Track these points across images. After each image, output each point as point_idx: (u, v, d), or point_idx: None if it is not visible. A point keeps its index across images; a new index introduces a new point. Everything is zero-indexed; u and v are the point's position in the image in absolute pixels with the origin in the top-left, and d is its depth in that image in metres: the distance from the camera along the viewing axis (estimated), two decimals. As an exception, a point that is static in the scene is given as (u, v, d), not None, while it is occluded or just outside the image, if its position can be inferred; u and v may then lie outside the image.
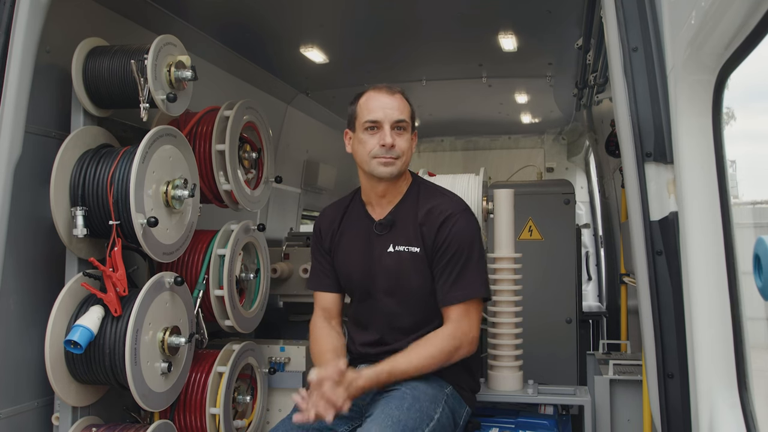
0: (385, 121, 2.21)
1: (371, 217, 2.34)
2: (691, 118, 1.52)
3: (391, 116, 2.22)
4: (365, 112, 2.24)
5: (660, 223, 1.69)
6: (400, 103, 2.25)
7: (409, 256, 2.26)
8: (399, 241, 2.27)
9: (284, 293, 3.63)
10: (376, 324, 2.33)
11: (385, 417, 2.00)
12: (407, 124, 2.25)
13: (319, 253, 2.44)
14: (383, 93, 2.25)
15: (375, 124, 2.22)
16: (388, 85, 2.29)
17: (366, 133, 2.23)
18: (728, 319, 1.47)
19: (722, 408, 1.44)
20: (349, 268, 2.36)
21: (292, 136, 4.82)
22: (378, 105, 2.23)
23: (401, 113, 2.24)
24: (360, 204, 2.38)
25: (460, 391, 2.31)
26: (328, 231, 2.41)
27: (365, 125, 2.23)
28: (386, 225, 2.30)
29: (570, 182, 4.26)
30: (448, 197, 2.32)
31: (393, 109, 2.22)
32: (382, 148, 2.20)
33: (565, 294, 3.91)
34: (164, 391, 2.40)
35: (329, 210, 2.48)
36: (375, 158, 2.22)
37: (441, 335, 2.19)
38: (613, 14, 1.81)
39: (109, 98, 2.46)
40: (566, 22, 3.29)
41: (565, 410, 2.81)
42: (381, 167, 2.22)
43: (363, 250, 2.32)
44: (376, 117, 2.21)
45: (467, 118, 5.70)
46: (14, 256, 2.20)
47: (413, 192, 2.33)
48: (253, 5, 3.12)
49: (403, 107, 2.25)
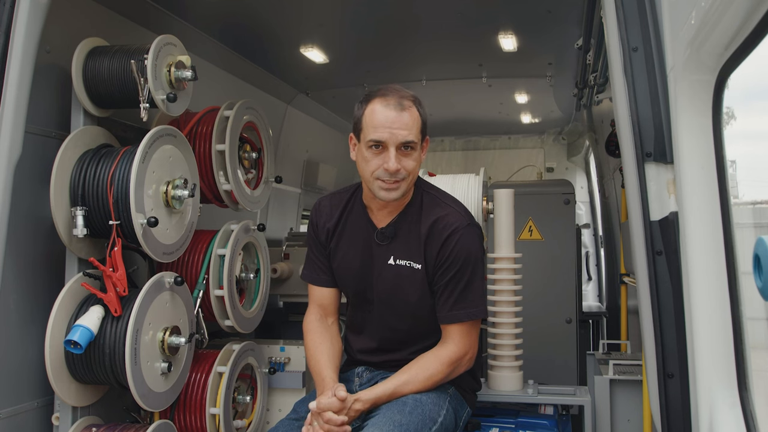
0: (391, 142, 2.05)
1: (373, 223, 2.26)
2: (691, 118, 1.52)
3: (397, 137, 2.05)
4: (370, 129, 2.07)
5: (660, 223, 1.69)
6: (409, 120, 2.07)
7: (409, 272, 2.20)
8: (400, 255, 2.21)
9: (284, 293, 3.63)
10: (373, 332, 2.32)
11: (386, 421, 1.99)
12: (416, 144, 2.09)
13: (314, 246, 2.36)
14: (391, 108, 2.06)
15: (380, 144, 2.07)
16: (399, 95, 2.09)
17: (370, 151, 2.08)
18: (728, 319, 1.47)
19: (722, 408, 1.44)
20: (346, 273, 2.31)
21: (292, 136, 4.82)
22: (384, 122, 2.05)
23: (409, 133, 2.06)
24: (361, 205, 2.28)
25: (462, 392, 2.31)
26: (325, 226, 2.32)
27: (369, 143, 2.08)
28: (388, 235, 2.22)
29: (570, 182, 4.27)
30: (453, 209, 2.22)
31: (400, 129, 2.05)
32: (385, 171, 2.07)
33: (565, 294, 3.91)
34: (164, 391, 2.40)
35: (326, 202, 2.36)
36: (378, 180, 2.09)
37: (441, 357, 2.17)
38: (613, 14, 1.81)
39: (109, 98, 2.46)
40: (566, 22, 3.29)
41: (565, 410, 2.81)
42: (383, 192, 2.10)
43: (362, 258, 2.26)
44: (381, 138, 2.05)
45: (467, 118, 5.69)
46: (14, 256, 2.20)
47: (417, 201, 2.23)
48: (253, 5, 3.12)
49: (412, 124, 2.07)
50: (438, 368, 2.15)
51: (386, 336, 2.29)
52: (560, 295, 3.91)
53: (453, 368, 2.18)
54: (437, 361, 2.16)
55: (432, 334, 2.25)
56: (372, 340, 2.32)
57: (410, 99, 2.11)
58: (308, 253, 2.40)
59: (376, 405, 2.09)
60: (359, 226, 2.28)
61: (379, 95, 2.11)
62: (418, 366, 2.16)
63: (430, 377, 2.14)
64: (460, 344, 2.18)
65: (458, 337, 2.18)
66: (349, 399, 2.03)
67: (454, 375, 2.20)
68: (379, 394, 2.09)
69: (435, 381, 2.16)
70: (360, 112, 2.13)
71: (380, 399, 2.09)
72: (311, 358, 2.26)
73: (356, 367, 2.36)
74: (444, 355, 2.17)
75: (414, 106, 2.11)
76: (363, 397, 2.07)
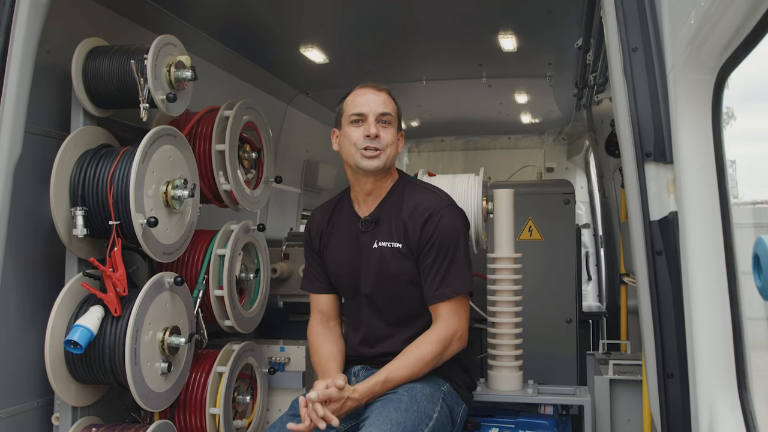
0: (370, 113, 2.26)
1: (357, 214, 2.37)
2: (691, 118, 1.52)
3: (376, 109, 2.27)
4: (351, 107, 2.30)
5: (660, 223, 1.69)
6: (386, 99, 2.31)
7: (390, 252, 2.28)
8: (382, 237, 2.30)
9: (284, 293, 3.63)
10: (365, 321, 2.35)
11: (383, 420, 2.00)
12: (392, 118, 2.30)
13: (310, 255, 2.48)
14: (369, 89, 2.32)
15: (360, 117, 2.27)
16: (374, 83, 2.35)
17: (351, 126, 2.28)
18: (728, 319, 1.47)
19: (722, 408, 1.44)
20: (337, 266, 2.39)
21: (292, 136, 4.82)
22: (363, 100, 2.29)
23: (386, 107, 2.29)
24: (348, 203, 2.42)
25: (457, 389, 2.32)
26: (317, 232, 2.44)
27: (351, 118, 2.28)
28: (371, 222, 2.32)
29: (570, 182, 4.25)
30: (433, 193, 2.35)
31: (378, 104, 2.28)
32: (366, 138, 2.24)
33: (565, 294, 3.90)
34: (164, 391, 2.40)
35: (318, 212, 2.52)
36: (360, 150, 2.25)
37: (430, 337, 2.20)
38: (613, 14, 1.81)
39: (109, 98, 2.46)
40: (566, 22, 3.29)
41: (565, 410, 2.81)
42: (366, 160, 2.25)
43: (350, 248, 2.35)
44: (361, 110, 2.27)
45: (467, 118, 5.70)
46: (14, 256, 2.20)
47: (399, 188, 2.36)
48: (253, 5, 3.12)
49: (388, 102, 2.31)
50: (427, 348, 2.18)
51: (378, 324, 2.33)
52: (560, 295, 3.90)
53: (444, 347, 2.19)
54: (425, 341, 2.20)
55: (421, 320, 2.28)
56: (365, 331, 2.35)
57: (385, 88, 2.36)
58: (306, 264, 2.52)
59: (372, 394, 2.11)
60: (346, 220, 2.39)
61: (356, 88, 2.36)
62: (408, 350, 2.20)
63: (421, 358, 2.17)
64: (449, 322, 2.21)
65: (447, 315, 2.21)
66: (346, 389, 2.06)
67: (446, 355, 2.21)
68: (373, 383, 2.12)
69: (426, 361, 2.17)
70: (340, 106, 2.36)
71: (375, 387, 2.12)
72: (315, 355, 2.33)
73: (353, 366, 2.38)
74: (433, 334, 2.20)
75: (389, 94, 2.35)
76: (359, 388, 2.10)
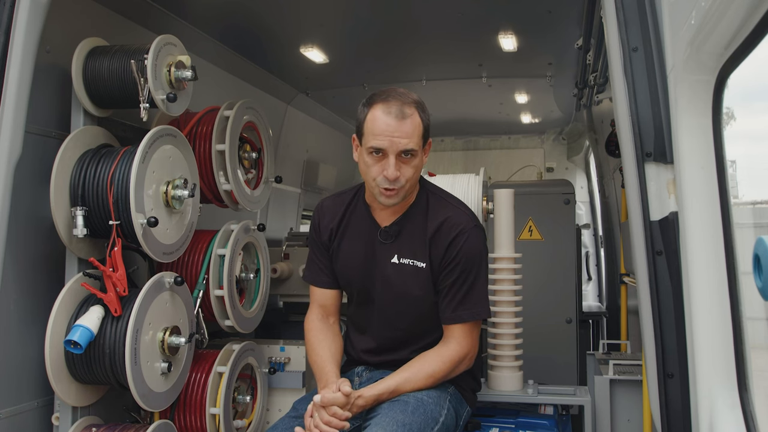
0: (390, 150, 2.05)
1: (376, 222, 2.27)
2: (691, 118, 1.52)
3: (397, 146, 2.05)
4: (370, 136, 2.08)
5: (660, 223, 1.69)
6: (410, 128, 2.06)
7: (413, 270, 2.21)
8: (404, 253, 2.22)
9: (284, 293, 3.63)
10: (375, 331, 2.32)
11: (389, 421, 1.99)
12: (416, 151, 2.09)
13: (316, 247, 2.37)
14: (392, 116, 2.05)
15: (380, 151, 2.07)
16: (401, 101, 2.08)
17: (370, 157, 2.09)
18: (728, 319, 1.47)
19: (722, 408, 1.44)
20: (349, 272, 2.31)
21: (292, 136, 4.82)
22: (385, 130, 2.05)
23: (409, 141, 2.06)
24: (364, 205, 2.30)
25: (462, 392, 2.32)
26: (327, 227, 2.33)
27: (369, 149, 2.09)
28: (392, 234, 2.23)
29: (570, 182, 4.27)
30: (460, 210, 2.24)
31: (401, 138, 2.05)
32: (384, 179, 2.08)
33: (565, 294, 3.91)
34: (164, 391, 2.40)
35: (329, 203, 2.37)
36: (378, 186, 2.11)
37: (443, 356, 2.18)
38: (613, 14, 1.80)
39: (109, 98, 2.45)
40: (566, 22, 3.29)
41: (565, 410, 2.81)
42: (383, 197, 2.13)
43: (365, 257, 2.27)
44: (381, 145, 2.05)
45: (467, 118, 5.70)
46: (14, 256, 2.20)
47: (422, 201, 2.25)
48: (253, 5, 3.12)
49: (412, 132, 2.06)
50: (440, 367, 2.16)
51: (388, 335, 2.30)
52: (560, 295, 3.91)
53: (454, 367, 2.19)
54: (439, 359, 2.17)
55: (432, 333, 2.26)
56: (373, 339, 2.32)
57: (412, 105, 2.10)
58: (310, 254, 2.41)
59: (378, 402, 2.10)
60: (362, 224, 2.29)
61: (381, 100, 2.10)
62: (419, 364, 2.17)
63: (432, 375, 2.15)
64: (462, 344, 2.19)
65: (461, 337, 2.19)
66: (352, 395, 2.04)
67: (454, 374, 2.21)
68: (381, 391, 2.10)
69: (436, 379, 2.16)
70: (362, 116, 2.13)
71: (382, 395, 2.10)
72: (313, 354, 2.28)
73: (356, 366, 2.37)
74: (446, 354, 2.18)
75: (416, 112, 2.10)
76: (365, 393, 2.07)
